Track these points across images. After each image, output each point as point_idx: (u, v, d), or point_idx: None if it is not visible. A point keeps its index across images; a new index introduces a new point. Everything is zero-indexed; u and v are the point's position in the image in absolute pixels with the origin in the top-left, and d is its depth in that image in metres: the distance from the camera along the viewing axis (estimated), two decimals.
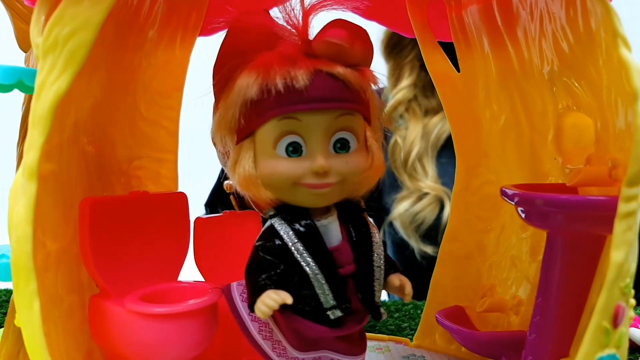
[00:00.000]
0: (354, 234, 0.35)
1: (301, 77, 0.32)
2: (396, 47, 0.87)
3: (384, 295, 0.89)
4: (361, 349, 0.37)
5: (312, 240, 0.34)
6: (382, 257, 0.36)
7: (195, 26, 0.51)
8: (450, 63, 0.53)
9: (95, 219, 0.40)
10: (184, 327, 0.38)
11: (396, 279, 0.36)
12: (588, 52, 0.36)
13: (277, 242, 0.34)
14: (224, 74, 0.35)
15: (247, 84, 0.33)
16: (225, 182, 0.49)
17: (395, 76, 0.90)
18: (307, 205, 0.34)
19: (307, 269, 0.33)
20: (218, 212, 0.47)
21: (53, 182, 0.37)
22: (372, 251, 0.36)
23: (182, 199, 0.47)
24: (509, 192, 0.39)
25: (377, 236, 0.36)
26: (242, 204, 0.36)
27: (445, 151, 0.84)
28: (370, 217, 0.37)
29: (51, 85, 0.32)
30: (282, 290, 0.32)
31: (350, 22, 0.34)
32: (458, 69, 0.52)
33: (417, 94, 0.87)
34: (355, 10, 0.62)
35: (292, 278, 0.33)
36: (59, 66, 0.32)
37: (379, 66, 0.91)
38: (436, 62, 0.52)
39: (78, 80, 0.41)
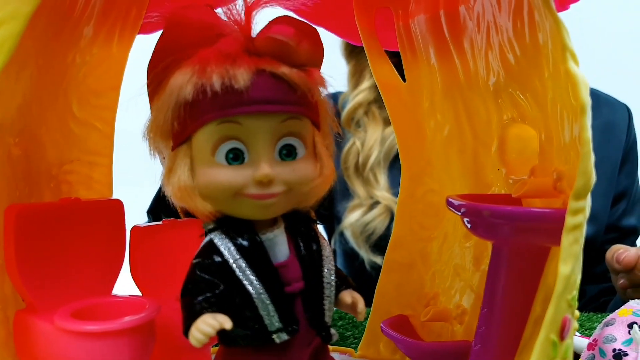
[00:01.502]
0: (302, 248, 0.33)
1: (241, 77, 0.29)
2: (357, 47, 0.85)
3: None
4: None
5: (256, 256, 0.31)
6: (332, 272, 0.33)
7: (134, 22, 0.49)
8: (396, 72, 0.53)
9: (21, 228, 0.37)
10: (118, 346, 0.35)
11: (348, 295, 0.34)
12: (534, 65, 0.37)
13: (217, 259, 0.31)
14: (157, 73, 0.32)
15: (181, 84, 0.30)
16: None
17: (356, 78, 0.88)
18: (250, 217, 0.32)
19: (250, 288, 0.30)
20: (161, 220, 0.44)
21: None
22: (322, 266, 0.33)
23: (118, 206, 0.44)
24: (456, 202, 0.39)
25: (327, 250, 0.34)
26: (188, 213, 0.33)
27: (398, 162, 0.84)
28: (320, 225, 0.36)
29: None
30: (220, 314, 0.29)
31: (298, 19, 0.32)
32: (404, 78, 0.52)
33: (377, 98, 0.85)
34: (304, 15, 0.62)
35: (233, 299, 0.31)
36: None
37: (342, 67, 0.90)
38: (382, 71, 0.52)
39: (5, 76, 0.38)
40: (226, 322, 0.29)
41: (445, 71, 0.48)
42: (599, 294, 0.83)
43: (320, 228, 0.76)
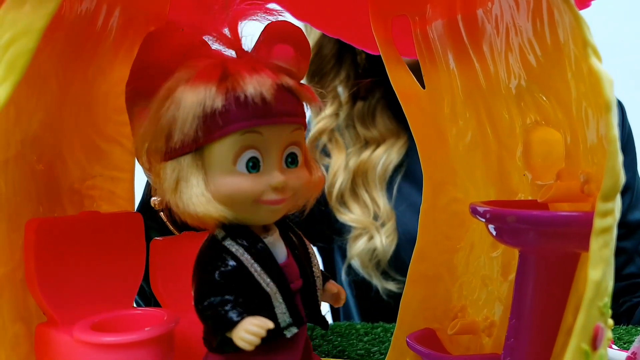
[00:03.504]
0: (296, 249, 0.35)
1: (268, 89, 0.31)
2: (316, 75, 0.85)
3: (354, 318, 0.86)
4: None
5: (266, 258, 0.33)
6: (318, 267, 0.36)
7: None
8: (415, 80, 0.52)
9: (41, 242, 0.37)
10: (137, 357, 0.35)
11: (333, 286, 0.37)
12: (556, 65, 0.36)
13: (232, 263, 0.32)
14: (170, 85, 0.32)
15: (209, 93, 0.30)
16: (152, 198, 0.47)
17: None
18: (260, 222, 0.33)
19: (268, 288, 0.32)
20: (147, 233, 0.44)
21: None
22: (311, 262, 0.36)
23: (137, 219, 0.44)
24: (480, 209, 0.38)
25: (311, 247, 0.37)
26: (175, 221, 0.34)
27: (396, 179, 0.83)
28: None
29: None
30: (258, 316, 0.30)
31: (290, 25, 0.34)
32: (423, 86, 0.51)
33: (339, 125, 0.85)
34: (320, 27, 0.62)
35: (252, 301, 0.32)
36: None
37: None
38: (401, 79, 0.52)
39: (26, 94, 0.39)
40: (268, 322, 0.30)
41: (465, 76, 0.47)
42: (617, 295, 0.79)
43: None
